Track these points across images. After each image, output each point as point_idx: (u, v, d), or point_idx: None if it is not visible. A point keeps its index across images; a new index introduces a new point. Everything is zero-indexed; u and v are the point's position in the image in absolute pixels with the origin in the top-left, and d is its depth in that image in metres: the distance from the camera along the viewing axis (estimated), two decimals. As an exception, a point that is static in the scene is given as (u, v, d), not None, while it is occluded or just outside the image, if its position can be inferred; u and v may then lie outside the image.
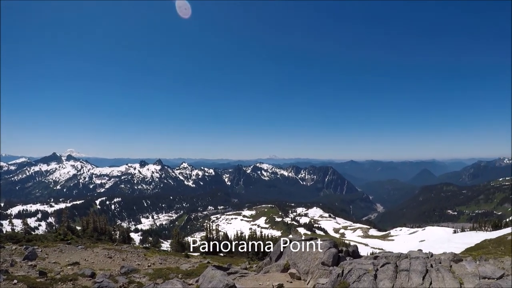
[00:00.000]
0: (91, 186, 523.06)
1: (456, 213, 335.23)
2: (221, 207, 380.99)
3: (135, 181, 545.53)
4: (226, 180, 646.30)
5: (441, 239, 73.43)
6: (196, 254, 45.92)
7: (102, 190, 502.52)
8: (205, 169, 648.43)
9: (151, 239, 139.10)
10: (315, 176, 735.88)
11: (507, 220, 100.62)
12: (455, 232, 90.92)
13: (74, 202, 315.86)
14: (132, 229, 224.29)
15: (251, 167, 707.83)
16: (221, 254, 47.27)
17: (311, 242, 21.24)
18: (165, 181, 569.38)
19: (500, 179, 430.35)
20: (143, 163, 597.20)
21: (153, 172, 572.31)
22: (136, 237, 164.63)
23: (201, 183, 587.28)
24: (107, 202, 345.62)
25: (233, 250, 47.74)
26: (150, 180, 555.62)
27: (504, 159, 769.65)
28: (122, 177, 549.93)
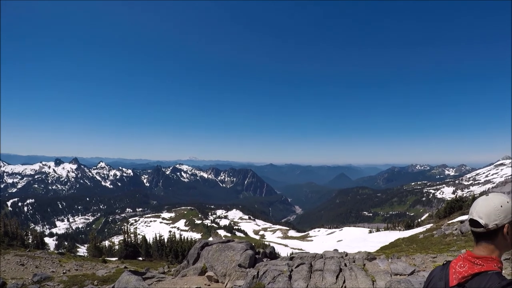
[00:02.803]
0: (1, 186, 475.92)
1: (371, 214, 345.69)
2: (140, 209, 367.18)
3: (49, 181, 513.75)
4: (145, 181, 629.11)
5: (357, 239, 75.17)
6: (114, 259, 44.17)
7: (14, 190, 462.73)
8: (123, 169, 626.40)
9: (66, 244, 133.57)
10: (235, 179, 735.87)
11: (419, 220, 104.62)
12: (370, 232, 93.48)
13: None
14: (46, 233, 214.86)
15: (171, 168, 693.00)
16: (140, 259, 45.70)
17: (227, 244, 21.06)
18: (82, 181, 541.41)
19: (412, 183, 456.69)
20: (58, 162, 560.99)
21: (68, 172, 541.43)
22: (51, 242, 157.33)
23: (119, 184, 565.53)
24: (19, 204, 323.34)
25: (153, 254, 46.61)
26: (66, 180, 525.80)
27: (416, 166, 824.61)
28: (36, 176, 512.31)
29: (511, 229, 3.26)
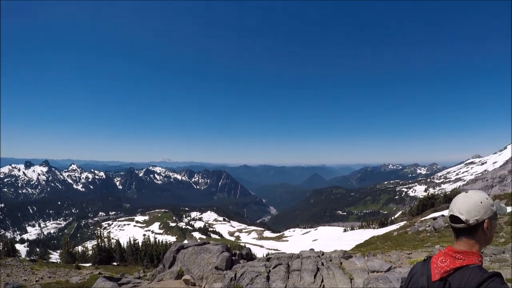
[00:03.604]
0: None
1: (345, 213, 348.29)
2: (113, 212, 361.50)
3: (19, 184, 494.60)
4: (117, 183, 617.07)
5: (332, 238, 75.62)
6: (88, 264, 43.03)
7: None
8: (96, 171, 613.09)
9: (38, 250, 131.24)
10: (209, 180, 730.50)
11: (392, 218, 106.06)
12: (345, 230, 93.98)
13: None
14: (17, 240, 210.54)
15: (144, 170, 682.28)
16: (115, 264, 44.85)
17: (203, 246, 20.92)
18: (53, 184, 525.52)
19: (385, 182, 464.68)
20: (28, 164, 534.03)
21: (39, 175, 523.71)
22: (22, 249, 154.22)
23: (91, 187, 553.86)
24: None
25: (127, 258, 45.93)
26: (36, 183, 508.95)
27: (388, 165, 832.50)
28: (5, 180, 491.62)
29: (490, 224, 3.31)
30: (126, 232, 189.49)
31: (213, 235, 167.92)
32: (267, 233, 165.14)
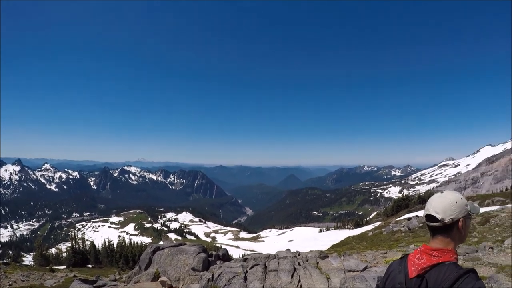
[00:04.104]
0: None
1: (321, 214, 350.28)
2: (87, 213, 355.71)
3: None
4: (92, 183, 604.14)
5: (308, 238, 75.80)
6: (62, 267, 42.01)
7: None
8: (69, 171, 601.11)
9: (11, 253, 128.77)
10: (184, 181, 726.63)
11: (368, 218, 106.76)
12: (321, 231, 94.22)
13: None
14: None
15: (119, 170, 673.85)
16: (90, 266, 43.83)
17: (180, 247, 20.81)
18: (25, 184, 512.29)
19: (360, 184, 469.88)
20: (0, 163, 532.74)
21: (11, 174, 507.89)
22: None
23: (65, 187, 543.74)
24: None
25: (102, 260, 45.14)
26: (9, 183, 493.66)
27: (364, 167, 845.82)
28: None
29: (465, 223, 3.42)
30: (101, 233, 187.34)
31: (189, 236, 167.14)
32: (243, 234, 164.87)
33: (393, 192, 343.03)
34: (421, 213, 42.97)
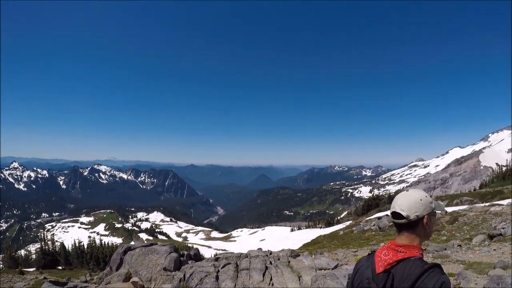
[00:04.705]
0: None
1: (292, 213, 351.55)
2: (57, 213, 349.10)
3: None
4: (61, 183, 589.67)
5: (280, 237, 76.16)
6: (31, 269, 41.02)
7: None
8: (38, 170, 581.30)
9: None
10: (155, 180, 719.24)
11: (338, 218, 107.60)
12: (292, 230, 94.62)
13: None
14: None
15: (89, 169, 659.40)
16: (60, 267, 43.04)
17: (151, 247, 20.65)
18: None
19: (331, 183, 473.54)
20: None
21: None
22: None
23: (34, 187, 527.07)
24: None
25: (73, 262, 44.43)
26: None
27: (335, 167, 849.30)
28: None
29: (430, 219, 3.50)
30: (71, 234, 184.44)
31: (160, 236, 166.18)
32: (215, 234, 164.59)
33: (364, 191, 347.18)
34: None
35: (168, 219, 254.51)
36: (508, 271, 12.61)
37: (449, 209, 33.74)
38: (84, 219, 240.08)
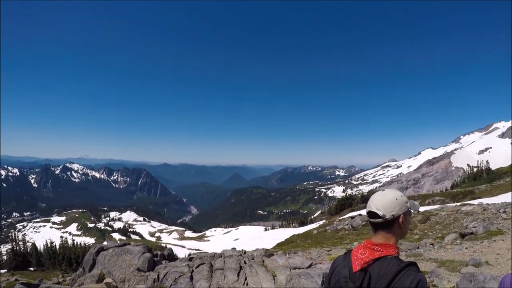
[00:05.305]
0: None
1: (266, 213, 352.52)
2: (28, 213, 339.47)
3: None
4: (32, 181, 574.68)
5: (254, 237, 76.34)
6: (3, 271, 40.01)
7: None
8: (9, 168, 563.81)
9: None
10: (128, 179, 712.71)
11: (312, 217, 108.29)
12: (266, 229, 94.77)
13: None
14: None
15: (61, 167, 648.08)
16: (32, 269, 42.07)
17: (124, 247, 20.38)
18: None
19: (305, 183, 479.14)
20: None
21: None
22: None
23: (4, 185, 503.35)
24: None
25: (45, 263, 43.58)
26: None
27: (308, 166, 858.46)
28: None
29: (405, 219, 3.56)
30: (43, 234, 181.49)
31: (133, 236, 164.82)
32: (189, 233, 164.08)
33: (337, 191, 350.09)
34: (364, 212, 44.25)
35: (141, 218, 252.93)
36: (480, 268, 12.86)
37: (422, 209, 34.26)
38: (56, 218, 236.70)
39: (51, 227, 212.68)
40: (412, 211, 3.67)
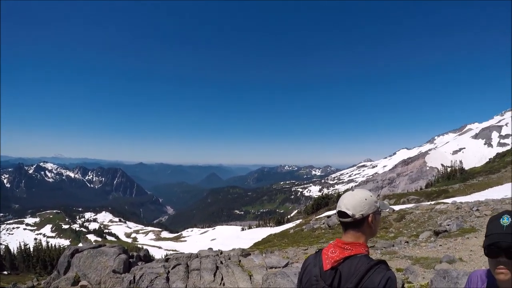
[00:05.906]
0: None
1: (243, 212, 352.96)
2: (1, 214, 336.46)
3: None
4: (5, 181, 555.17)
5: (231, 237, 76.34)
6: None
7: None
8: None
9: None
10: (103, 178, 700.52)
11: (289, 216, 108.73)
12: (243, 229, 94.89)
13: None
14: None
15: (34, 166, 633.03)
16: (5, 272, 41.48)
17: (99, 249, 20.17)
18: None
19: (281, 183, 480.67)
20: None
21: None
22: None
23: None
24: None
25: (19, 266, 42.94)
26: None
27: (284, 166, 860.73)
28: None
29: (374, 218, 3.61)
30: (16, 236, 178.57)
31: (109, 237, 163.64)
32: (165, 234, 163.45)
33: (314, 191, 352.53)
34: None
35: (117, 219, 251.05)
36: (453, 265, 13.12)
37: (397, 207, 34.69)
38: (30, 220, 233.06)
39: (24, 229, 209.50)
40: (381, 210, 3.72)
